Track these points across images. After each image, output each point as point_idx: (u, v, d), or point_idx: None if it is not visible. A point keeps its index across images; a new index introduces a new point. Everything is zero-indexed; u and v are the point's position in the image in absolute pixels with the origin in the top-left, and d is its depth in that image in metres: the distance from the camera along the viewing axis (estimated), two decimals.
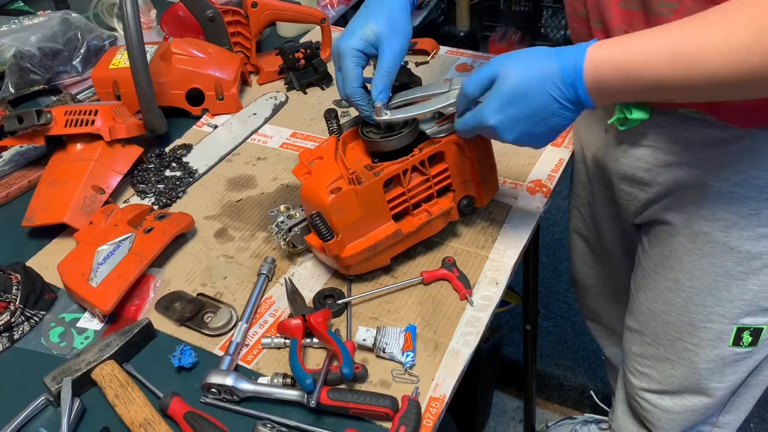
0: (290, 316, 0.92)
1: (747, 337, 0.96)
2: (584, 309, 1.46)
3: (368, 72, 0.88)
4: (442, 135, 0.91)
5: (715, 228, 0.90)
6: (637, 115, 0.90)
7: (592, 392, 1.83)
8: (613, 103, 0.74)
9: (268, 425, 0.78)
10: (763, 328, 0.96)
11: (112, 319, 0.95)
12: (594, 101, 0.72)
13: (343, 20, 1.91)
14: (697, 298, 0.96)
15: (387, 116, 0.88)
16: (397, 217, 0.92)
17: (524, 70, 0.73)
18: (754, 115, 0.81)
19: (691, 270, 0.95)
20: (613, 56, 0.69)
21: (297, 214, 0.99)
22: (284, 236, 0.97)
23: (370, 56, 0.88)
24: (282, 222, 0.98)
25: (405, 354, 0.84)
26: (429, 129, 0.92)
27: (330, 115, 0.98)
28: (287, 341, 0.88)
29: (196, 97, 1.33)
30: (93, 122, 1.11)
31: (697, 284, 0.95)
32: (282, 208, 1.01)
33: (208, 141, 1.28)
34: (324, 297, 0.93)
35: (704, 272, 0.94)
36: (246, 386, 0.81)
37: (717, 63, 0.63)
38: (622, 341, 1.38)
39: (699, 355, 1.00)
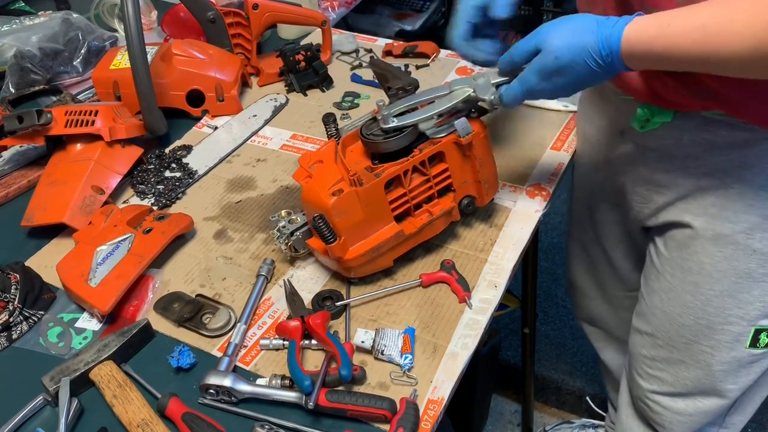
0: (289, 317, 0.92)
1: (764, 338, 0.96)
2: (580, 311, 1.45)
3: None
4: (441, 135, 0.92)
5: (738, 230, 0.89)
6: (659, 117, 0.90)
7: (587, 398, 1.82)
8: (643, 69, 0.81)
9: (266, 426, 0.78)
10: None
11: (111, 319, 0.95)
12: (627, 69, 0.78)
13: (343, 23, 1.91)
14: (716, 301, 0.95)
15: (395, 123, 0.89)
16: (398, 218, 0.92)
17: (566, 44, 0.78)
18: None
19: (712, 272, 0.94)
20: (647, 36, 0.74)
21: (298, 219, 0.99)
22: (286, 241, 0.97)
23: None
24: (283, 227, 0.98)
25: (403, 356, 0.84)
26: (428, 129, 0.93)
27: (328, 119, 0.99)
28: (286, 343, 0.88)
29: (196, 98, 1.33)
30: (93, 122, 1.11)
31: (716, 287, 0.94)
32: (283, 213, 1.01)
33: (208, 142, 1.28)
34: (323, 299, 0.93)
35: (725, 275, 0.93)
36: (244, 387, 0.81)
37: (740, 45, 0.67)
38: (617, 345, 1.38)
39: (715, 358, 0.99)
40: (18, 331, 0.93)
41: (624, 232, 1.17)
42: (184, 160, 1.23)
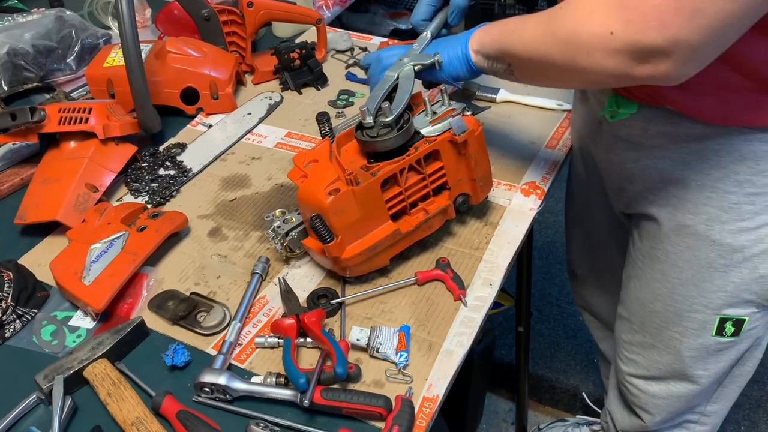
0: (284, 315, 0.92)
1: (729, 328, 0.99)
2: (580, 300, 1.48)
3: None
4: (436, 134, 0.92)
5: (698, 221, 0.93)
6: (625, 108, 0.94)
7: (584, 394, 1.83)
8: (492, 70, 0.93)
9: (261, 424, 0.78)
10: (745, 320, 0.98)
11: (105, 317, 0.94)
12: (474, 60, 0.92)
13: (338, 21, 1.91)
14: (681, 289, 0.99)
15: (394, 114, 0.89)
16: (394, 217, 0.92)
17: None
18: (735, 115, 0.83)
19: (676, 261, 0.98)
20: (479, 32, 0.92)
21: (293, 218, 0.99)
22: (281, 241, 0.97)
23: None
24: (278, 227, 0.97)
25: (398, 354, 0.84)
26: (423, 128, 0.93)
27: (322, 119, 0.98)
28: (281, 341, 0.88)
29: (190, 96, 1.33)
30: (87, 120, 1.11)
31: (681, 275, 0.98)
32: (278, 212, 1.01)
33: (202, 140, 1.28)
34: (318, 297, 0.93)
35: (689, 264, 0.97)
36: (239, 385, 0.81)
37: (527, 37, 0.82)
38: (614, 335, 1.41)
39: (683, 343, 1.03)
40: (11, 330, 0.93)
41: (615, 220, 1.20)
42: (179, 158, 1.23)
